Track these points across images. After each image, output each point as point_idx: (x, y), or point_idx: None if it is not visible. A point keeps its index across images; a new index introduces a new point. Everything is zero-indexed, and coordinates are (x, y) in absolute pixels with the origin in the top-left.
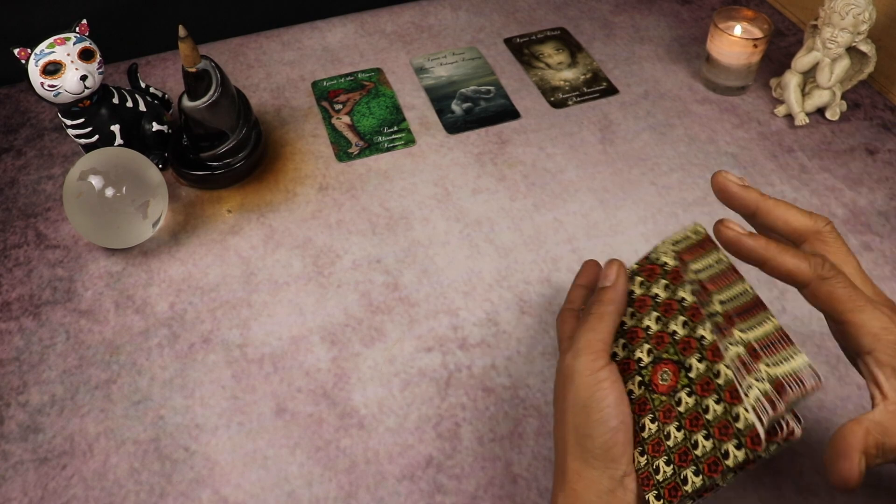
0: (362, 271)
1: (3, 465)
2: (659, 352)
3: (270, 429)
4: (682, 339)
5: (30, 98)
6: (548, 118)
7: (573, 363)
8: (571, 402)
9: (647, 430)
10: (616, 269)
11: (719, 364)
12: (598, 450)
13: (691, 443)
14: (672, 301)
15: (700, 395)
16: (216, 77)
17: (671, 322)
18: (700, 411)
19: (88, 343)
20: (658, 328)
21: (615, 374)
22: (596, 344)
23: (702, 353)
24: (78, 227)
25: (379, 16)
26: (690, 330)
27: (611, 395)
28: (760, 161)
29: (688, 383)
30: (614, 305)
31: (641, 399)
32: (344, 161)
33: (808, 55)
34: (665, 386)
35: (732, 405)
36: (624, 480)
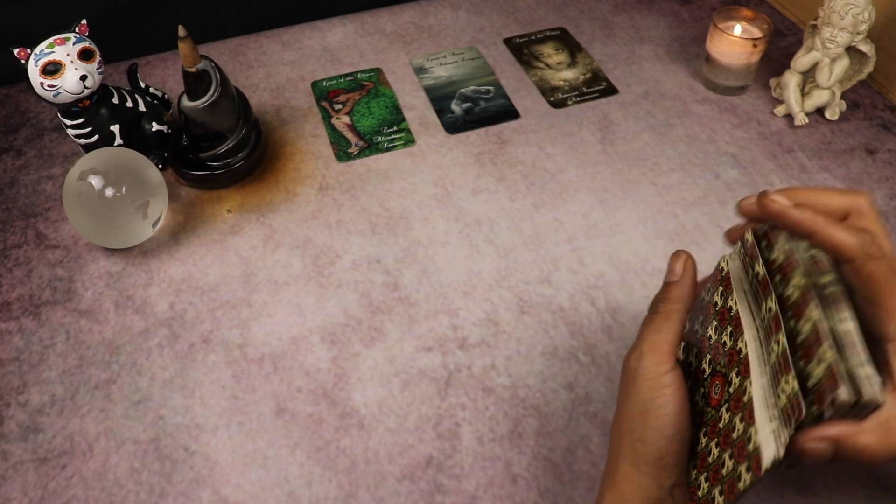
0: (362, 271)
1: (3, 465)
2: (715, 363)
3: (270, 429)
4: (729, 350)
5: (30, 98)
6: (547, 118)
7: (637, 364)
8: (631, 404)
9: (700, 444)
10: (683, 262)
11: (747, 380)
12: (651, 457)
13: (721, 461)
14: (724, 310)
15: (733, 411)
16: (216, 77)
17: (724, 332)
18: (730, 429)
19: (88, 343)
20: (716, 338)
21: (679, 380)
22: (662, 345)
23: (738, 367)
24: (78, 227)
25: (379, 16)
26: (734, 342)
27: (671, 403)
28: (760, 161)
29: (728, 398)
30: (681, 303)
31: (701, 411)
32: (344, 161)
33: (807, 55)
34: (716, 399)
35: (749, 425)
36: (673, 491)
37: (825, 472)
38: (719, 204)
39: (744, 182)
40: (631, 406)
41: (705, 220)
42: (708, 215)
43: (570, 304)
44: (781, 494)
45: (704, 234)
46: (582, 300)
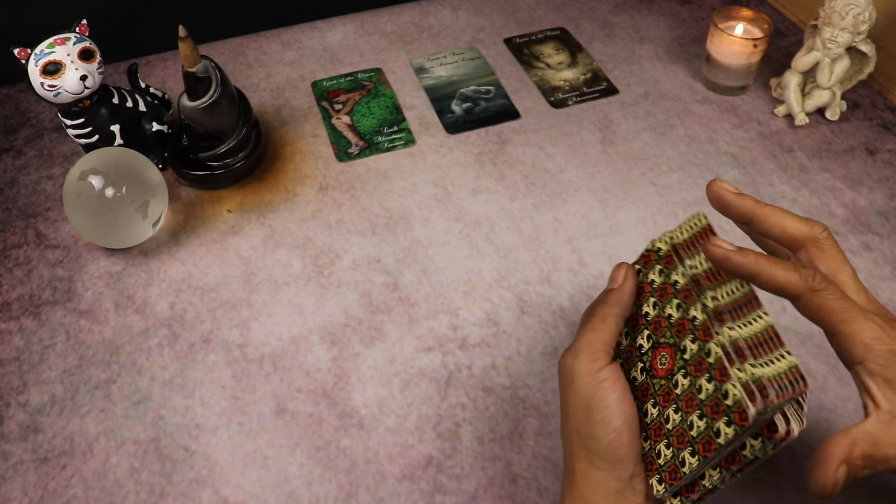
0: (362, 271)
1: (3, 465)
2: (657, 336)
3: (270, 429)
4: (677, 321)
5: (30, 98)
6: (548, 118)
7: (573, 363)
8: (573, 403)
9: (650, 416)
10: (624, 272)
11: (710, 343)
12: (603, 451)
13: (687, 424)
14: (667, 285)
15: (694, 375)
16: (216, 77)
17: (667, 306)
18: (694, 391)
19: (88, 343)
20: (655, 313)
21: (616, 372)
22: (596, 344)
23: (694, 334)
24: (78, 227)
25: (379, 16)
26: (684, 312)
27: (612, 395)
28: (760, 161)
29: (683, 365)
30: (619, 307)
31: (644, 385)
32: (344, 161)
33: (808, 55)
34: (664, 370)
35: (722, 382)
36: (632, 481)
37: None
38: None
39: (744, 182)
40: (574, 405)
41: None
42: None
43: (570, 304)
44: (782, 494)
45: None
46: (582, 300)
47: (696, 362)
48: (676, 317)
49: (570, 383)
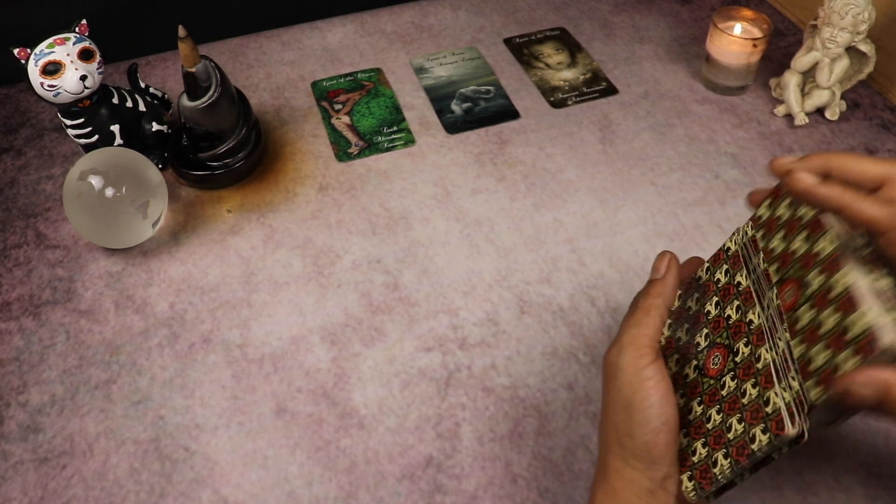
0: (362, 271)
1: (3, 465)
2: (714, 336)
3: (270, 429)
4: (735, 323)
5: (30, 98)
6: (547, 118)
7: (617, 359)
8: (614, 399)
9: (694, 413)
10: (667, 261)
11: (761, 348)
12: (639, 450)
13: (726, 426)
14: (730, 286)
15: (741, 378)
16: (216, 77)
17: (727, 307)
18: (738, 395)
19: (88, 343)
20: (716, 313)
21: (661, 371)
22: (641, 339)
23: (748, 338)
24: (78, 227)
25: (379, 16)
26: (742, 314)
27: (655, 395)
28: (760, 161)
29: (733, 367)
30: (662, 299)
31: (694, 383)
32: (344, 161)
33: (807, 55)
34: (715, 370)
35: (766, 389)
36: (665, 482)
37: (825, 472)
38: (719, 204)
39: (744, 182)
40: (614, 401)
41: (705, 220)
42: (708, 215)
43: (570, 304)
44: (782, 494)
45: (704, 234)
46: (582, 300)
47: (746, 366)
48: (735, 318)
49: (612, 379)
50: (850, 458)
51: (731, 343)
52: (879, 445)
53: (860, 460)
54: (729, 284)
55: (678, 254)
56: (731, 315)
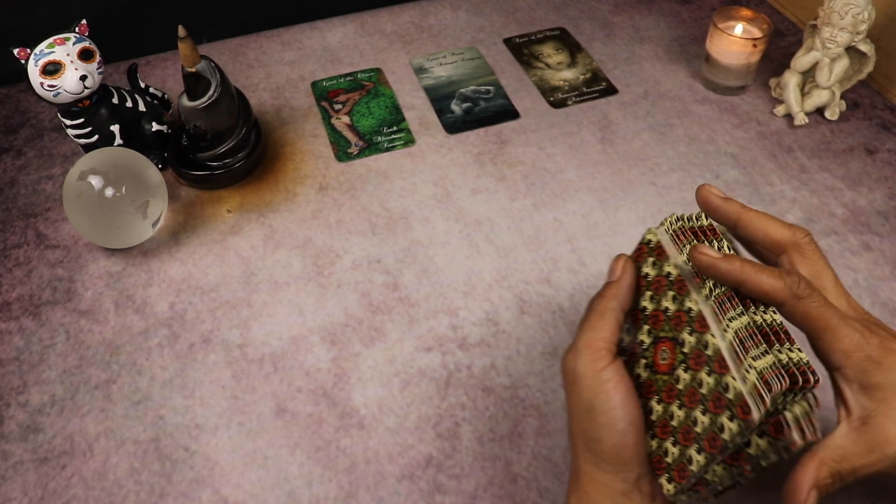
0: (362, 271)
1: (3, 465)
2: (657, 331)
3: (270, 429)
4: (674, 314)
5: (30, 98)
6: (547, 118)
7: (574, 364)
8: (576, 404)
9: (655, 413)
10: (622, 264)
11: (706, 334)
12: (608, 453)
13: (691, 420)
14: (661, 277)
15: (694, 369)
16: (216, 77)
17: (662, 299)
18: (696, 386)
19: (88, 343)
20: (653, 307)
21: (619, 372)
22: (596, 342)
23: (691, 326)
24: (78, 227)
25: (379, 16)
26: (679, 304)
27: (616, 396)
28: (760, 161)
29: (683, 359)
30: (617, 301)
31: (648, 382)
32: (344, 161)
33: (807, 55)
34: (665, 365)
35: (722, 375)
36: (639, 482)
37: None
38: None
39: (744, 182)
40: (577, 406)
41: None
42: None
43: (570, 304)
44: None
45: None
46: (582, 300)
47: (696, 355)
48: (673, 309)
49: (572, 384)
50: None
51: (675, 335)
52: None
53: None
54: (659, 276)
55: None
56: (668, 307)
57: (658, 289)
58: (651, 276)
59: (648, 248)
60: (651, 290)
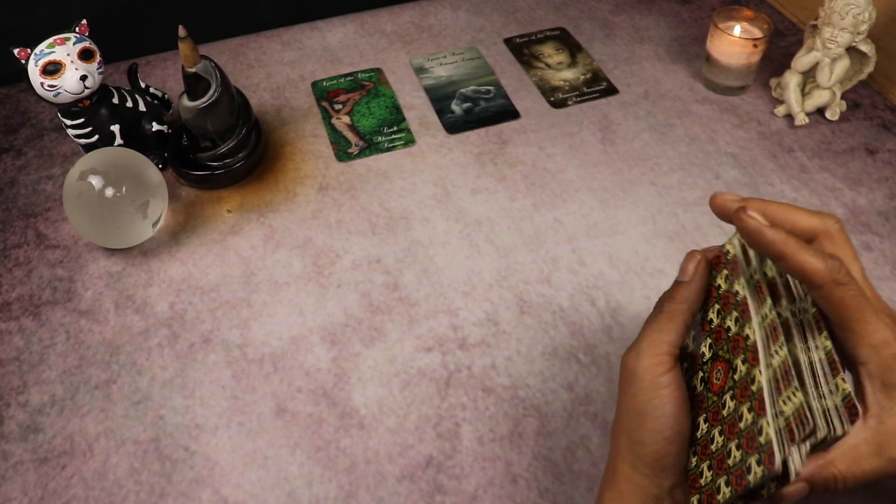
0: (362, 271)
1: (3, 465)
2: (717, 347)
3: (270, 429)
4: (734, 336)
5: (30, 98)
6: (548, 118)
7: (635, 365)
8: (628, 404)
9: (700, 430)
10: (695, 265)
11: (755, 368)
12: (649, 458)
13: (727, 451)
14: (729, 294)
15: (739, 399)
16: (216, 77)
17: (727, 317)
18: (736, 418)
19: (88, 343)
20: (718, 322)
21: (677, 380)
22: (661, 346)
23: (745, 355)
24: (78, 227)
25: (379, 16)
26: (740, 327)
27: (669, 405)
28: (760, 161)
29: (733, 385)
30: (687, 304)
31: (700, 397)
32: (344, 161)
33: (807, 55)
34: (718, 385)
35: (759, 416)
36: (673, 492)
37: None
38: None
39: (744, 182)
40: (629, 407)
41: (705, 220)
42: (708, 215)
43: (570, 304)
44: None
45: (704, 234)
46: (582, 300)
47: (743, 386)
48: (734, 331)
49: (628, 385)
50: None
51: (730, 358)
52: None
53: None
54: (728, 292)
55: (678, 254)
56: (730, 326)
57: (725, 305)
58: (723, 288)
59: (726, 258)
60: (720, 303)
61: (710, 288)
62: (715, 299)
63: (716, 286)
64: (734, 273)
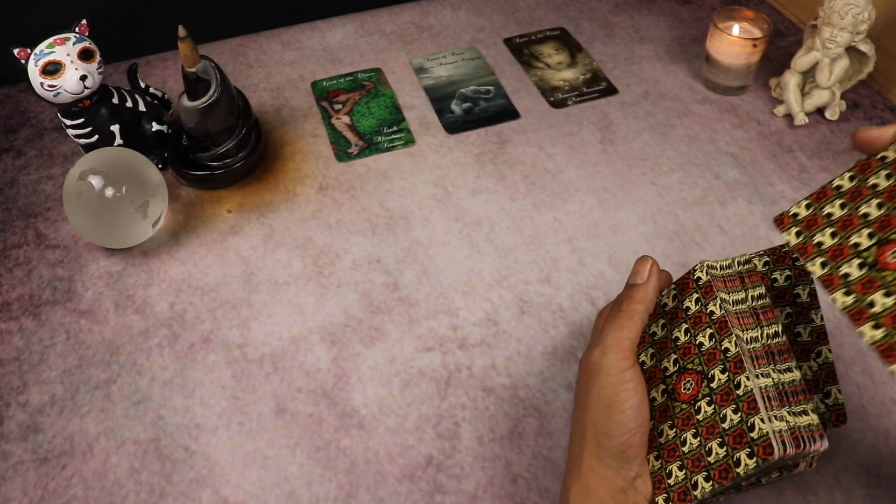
0: (362, 271)
1: (3, 465)
2: (685, 362)
3: (270, 429)
4: (708, 350)
5: (30, 98)
6: (547, 118)
7: (600, 360)
8: (594, 398)
9: (665, 436)
10: (649, 267)
11: (740, 375)
12: (615, 450)
13: (705, 450)
14: (702, 314)
15: (719, 404)
16: (216, 77)
17: (699, 334)
18: (717, 420)
19: (88, 343)
20: (686, 340)
21: (639, 376)
22: (624, 342)
23: (725, 365)
24: (78, 227)
25: (379, 16)
26: (717, 342)
27: (634, 398)
28: (760, 161)
29: (709, 393)
30: (644, 304)
31: (663, 406)
32: (344, 161)
33: (807, 55)
34: (687, 395)
35: (749, 415)
36: (635, 482)
37: (825, 472)
38: (719, 204)
39: (744, 182)
40: (595, 400)
41: (705, 220)
42: (708, 215)
43: (570, 304)
44: (781, 494)
45: (704, 233)
46: (582, 300)
47: (724, 392)
48: (708, 346)
49: (594, 379)
50: (850, 458)
51: (704, 369)
52: (879, 445)
53: (860, 460)
54: (700, 313)
55: (678, 254)
56: (703, 342)
57: (697, 324)
58: (692, 310)
59: (696, 284)
60: (688, 323)
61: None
62: (682, 320)
63: (683, 308)
64: (707, 296)
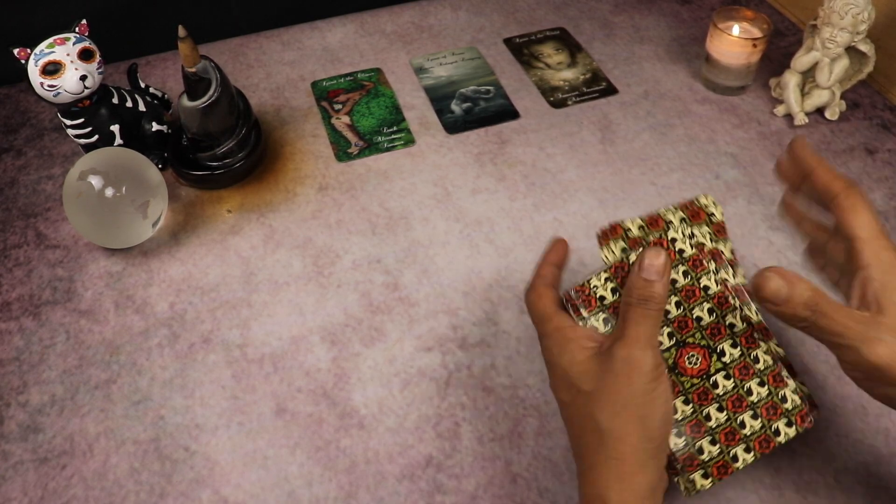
0: (362, 271)
1: (3, 465)
2: (683, 336)
3: (270, 429)
4: (710, 325)
5: (30, 98)
6: (547, 118)
7: (642, 356)
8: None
9: (682, 412)
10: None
11: (756, 350)
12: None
13: (737, 423)
14: (695, 288)
15: (739, 378)
16: (216, 77)
17: (695, 308)
18: (742, 393)
19: (88, 343)
20: (679, 313)
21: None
22: (654, 340)
23: (734, 340)
24: (78, 227)
25: (379, 16)
26: (718, 317)
27: (670, 389)
28: (760, 161)
29: (722, 367)
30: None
31: None
32: (344, 161)
33: (807, 55)
34: (695, 370)
35: (777, 388)
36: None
37: (825, 471)
38: None
39: (744, 182)
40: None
41: None
42: None
43: None
44: (781, 493)
45: None
46: None
47: (741, 367)
48: (708, 320)
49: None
50: (850, 458)
51: (709, 344)
52: (879, 445)
53: (860, 460)
54: (693, 286)
55: None
56: (701, 317)
57: (690, 298)
58: (680, 283)
59: (679, 256)
60: (679, 296)
61: None
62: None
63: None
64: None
